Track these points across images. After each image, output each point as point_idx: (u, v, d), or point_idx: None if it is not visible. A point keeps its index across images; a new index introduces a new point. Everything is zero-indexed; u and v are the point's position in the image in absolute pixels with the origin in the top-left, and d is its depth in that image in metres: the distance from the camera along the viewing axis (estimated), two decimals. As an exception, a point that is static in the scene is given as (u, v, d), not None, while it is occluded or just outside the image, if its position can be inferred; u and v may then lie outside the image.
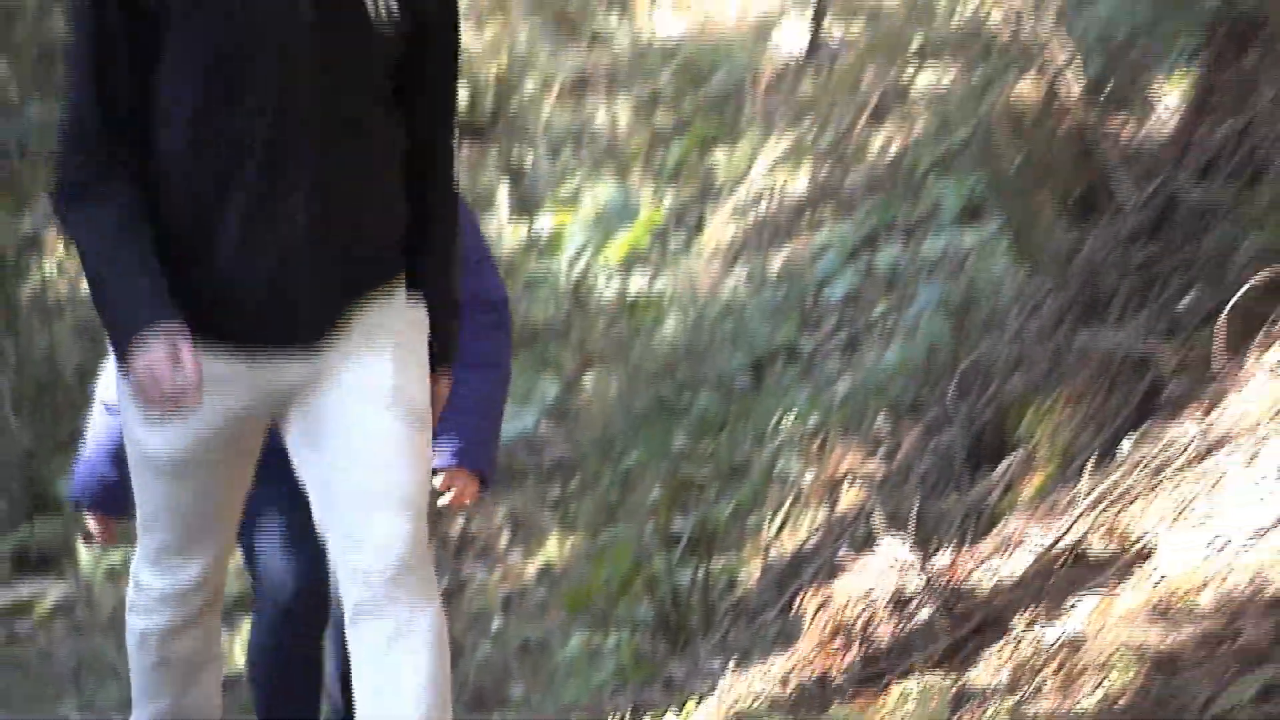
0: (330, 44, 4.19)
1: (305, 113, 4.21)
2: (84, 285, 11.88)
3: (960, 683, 5.44)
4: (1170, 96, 7.24)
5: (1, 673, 9.90)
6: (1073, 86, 7.37)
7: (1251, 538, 5.20)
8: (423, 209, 4.52)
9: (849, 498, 7.05)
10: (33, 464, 11.00)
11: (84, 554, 10.10)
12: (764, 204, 9.55)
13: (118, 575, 10.16)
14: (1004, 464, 6.61)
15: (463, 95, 11.08)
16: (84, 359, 11.32)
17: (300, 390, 4.41)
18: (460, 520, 10.14)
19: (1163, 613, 5.13)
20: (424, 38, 4.38)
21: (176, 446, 4.38)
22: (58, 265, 12.16)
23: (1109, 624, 5.21)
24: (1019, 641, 5.37)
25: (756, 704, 6.12)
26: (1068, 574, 5.53)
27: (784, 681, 6.05)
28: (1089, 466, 6.07)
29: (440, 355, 4.57)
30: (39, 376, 11.34)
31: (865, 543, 6.43)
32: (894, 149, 9.14)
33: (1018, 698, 5.24)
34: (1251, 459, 5.46)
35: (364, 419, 4.37)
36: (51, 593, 10.37)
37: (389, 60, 4.33)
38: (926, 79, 9.18)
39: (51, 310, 11.77)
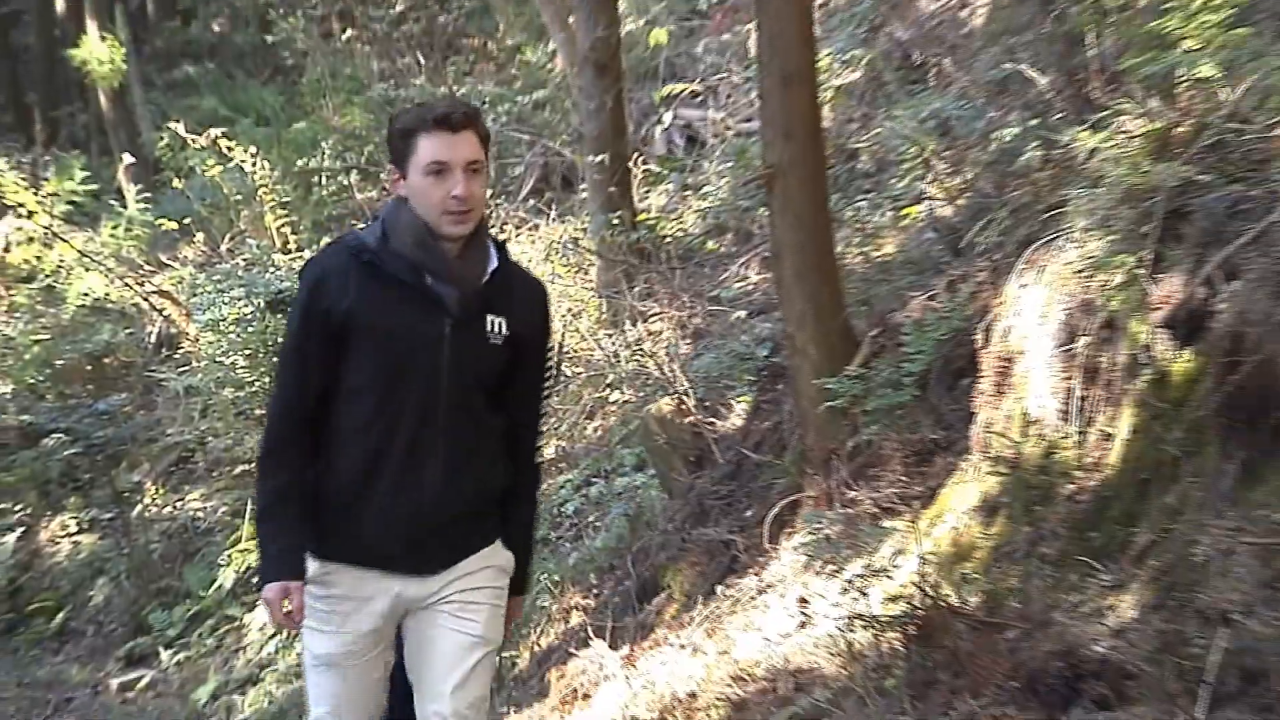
0: (461, 352, 3.47)
1: (444, 401, 3.46)
2: (163, 510, 11.64)
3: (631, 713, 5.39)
4: (740, 407, 7.36)
5: (124, 715, 9.47)
6: (690, 401, 7.46)
7: (784, 637, 5.25)
8: (516, 471, 3.69)
9: (575, 619, 6.97)
10: (135, 607, 10.74)
11: (164, 656, 9.79)
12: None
13: (181, 664, 9.82)
14: (656, 600, 6.58)
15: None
16: (165, 551, 11.11)
17: (422, 600, 3.59)
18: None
19: (737, 678, 5.14)
20: (523, 351, 3.60)
21: (335, 650, 3.57)
22: (151, 499, 11.85)
23: (710, 685, 5.20)
24: (666, 694, 5.34)
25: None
26: (689, 660, 5.51)
27: (540, 720, 5.95)
28: (700, 601, 6.08)
29: (515, 586, 3.73)
30: (141, 559, 11.11)
31: (583, 643, 6.35)
32: (600, 433, 9.15)
33: (664, 726, 5.20)
34: (783, 596, 5.52)
35: (459, 653, 3.57)
36: (146, 677, 10.00)
37: (498, 365, 3.56)
38: (616, 396, 9.24)
39: (147, 523, 11.51)
